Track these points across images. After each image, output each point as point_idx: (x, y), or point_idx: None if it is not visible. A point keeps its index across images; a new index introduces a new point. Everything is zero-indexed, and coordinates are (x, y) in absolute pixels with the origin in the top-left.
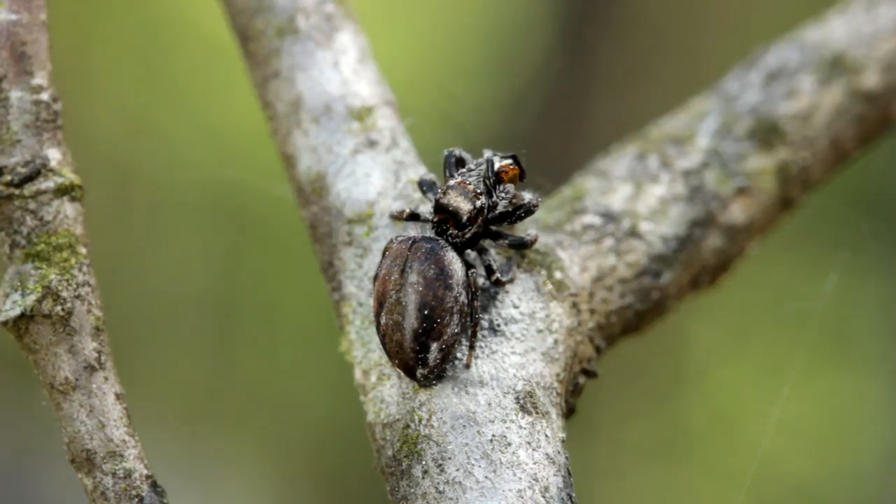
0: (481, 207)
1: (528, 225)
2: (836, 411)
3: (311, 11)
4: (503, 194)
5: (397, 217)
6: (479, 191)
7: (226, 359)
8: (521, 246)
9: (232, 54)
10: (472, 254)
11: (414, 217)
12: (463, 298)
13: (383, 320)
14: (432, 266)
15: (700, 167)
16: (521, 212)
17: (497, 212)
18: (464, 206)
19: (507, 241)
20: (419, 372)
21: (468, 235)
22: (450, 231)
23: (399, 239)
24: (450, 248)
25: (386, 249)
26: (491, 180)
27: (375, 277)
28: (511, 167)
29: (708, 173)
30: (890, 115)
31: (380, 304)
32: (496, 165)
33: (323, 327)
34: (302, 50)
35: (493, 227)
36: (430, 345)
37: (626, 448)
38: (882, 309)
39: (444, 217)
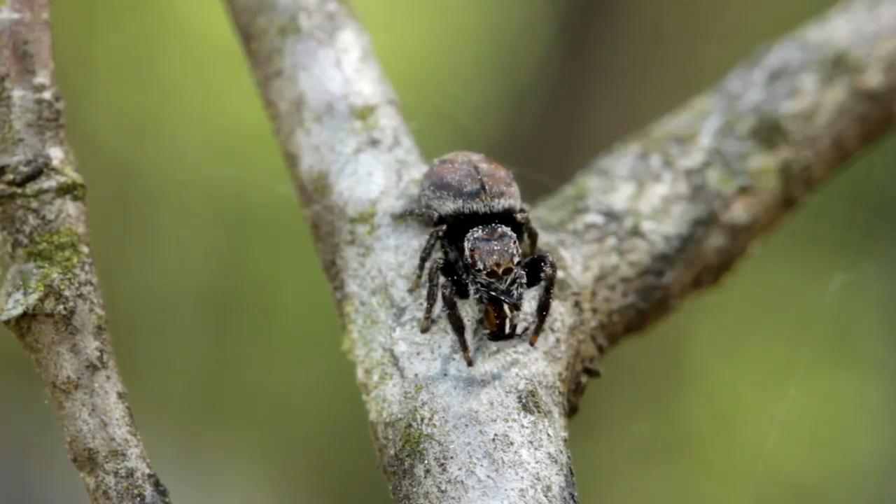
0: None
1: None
2: (839, 412)
3: (314, 10)
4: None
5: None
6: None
7: (228, 358)
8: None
9: (234, 53)
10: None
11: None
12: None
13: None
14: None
15: (702, 166)
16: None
17: None
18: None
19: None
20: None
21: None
22: None
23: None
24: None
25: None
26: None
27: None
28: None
29: (710, 172)
30: (892, 115)
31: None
32: None
33: (324, 327)
34: (304, 49)
35: None
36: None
37: (629, 447)
38: (886, 310)
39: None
